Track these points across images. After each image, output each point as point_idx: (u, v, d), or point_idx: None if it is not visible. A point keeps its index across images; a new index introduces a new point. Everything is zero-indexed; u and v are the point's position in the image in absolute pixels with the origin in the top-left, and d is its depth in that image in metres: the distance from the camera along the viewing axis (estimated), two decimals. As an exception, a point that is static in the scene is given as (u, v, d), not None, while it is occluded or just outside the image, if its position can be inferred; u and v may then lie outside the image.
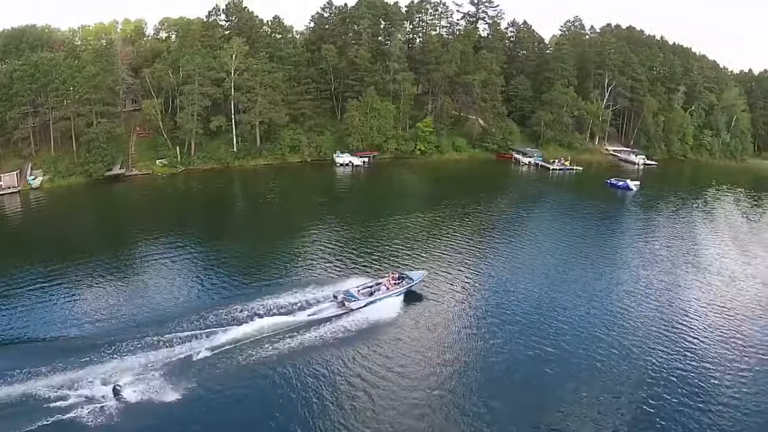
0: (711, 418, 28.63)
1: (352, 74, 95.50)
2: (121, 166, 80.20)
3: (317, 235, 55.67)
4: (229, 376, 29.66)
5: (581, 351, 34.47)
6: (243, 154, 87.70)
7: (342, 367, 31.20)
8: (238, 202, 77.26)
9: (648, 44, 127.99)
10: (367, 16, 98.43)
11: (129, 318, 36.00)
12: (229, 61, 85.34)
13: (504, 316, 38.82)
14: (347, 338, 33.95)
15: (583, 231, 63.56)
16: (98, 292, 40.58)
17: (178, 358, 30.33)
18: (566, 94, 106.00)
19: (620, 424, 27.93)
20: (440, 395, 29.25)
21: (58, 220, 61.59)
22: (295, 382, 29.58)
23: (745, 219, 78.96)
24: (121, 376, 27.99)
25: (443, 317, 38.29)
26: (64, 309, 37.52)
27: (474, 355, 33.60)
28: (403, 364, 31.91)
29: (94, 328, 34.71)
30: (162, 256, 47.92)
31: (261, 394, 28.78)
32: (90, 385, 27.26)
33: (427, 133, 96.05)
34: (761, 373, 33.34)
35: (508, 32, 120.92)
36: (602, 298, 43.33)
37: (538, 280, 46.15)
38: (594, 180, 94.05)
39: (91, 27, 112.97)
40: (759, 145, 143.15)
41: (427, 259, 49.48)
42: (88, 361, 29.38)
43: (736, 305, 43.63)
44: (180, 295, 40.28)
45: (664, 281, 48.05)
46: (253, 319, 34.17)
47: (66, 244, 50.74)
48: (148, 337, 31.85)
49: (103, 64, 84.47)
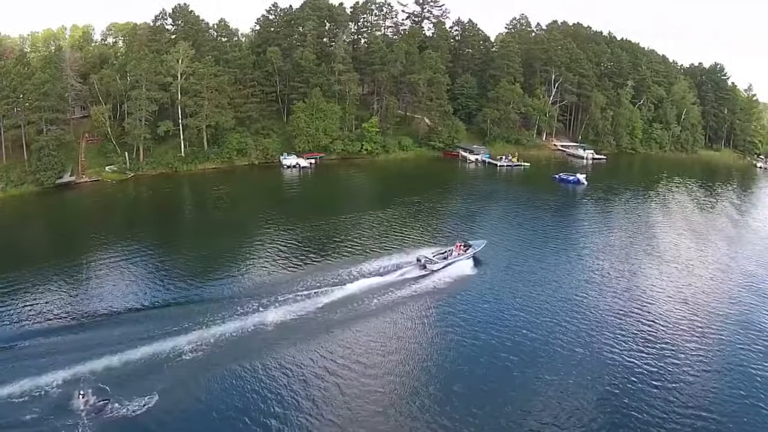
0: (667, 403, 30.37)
1: (298, 76, 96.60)
2: (72, 173, 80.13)
3: (271, 236, 56.83)
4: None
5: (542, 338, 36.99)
6: (191, 159, 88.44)
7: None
8: (188, 206, 78.21)
9: (595, 40, 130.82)
10: (311, 18, 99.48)
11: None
12: (176, 65, 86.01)
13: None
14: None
15: (535, 225, 65.65)
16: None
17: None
18: (512, 91, 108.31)
19: (582, 407, 29.70)
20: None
21: (15, 230, 61.68)
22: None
23: (694, 207, 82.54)
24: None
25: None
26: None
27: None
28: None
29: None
30: (117, 258, 49.60)
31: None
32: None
33: (373, 133, 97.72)
34: (715, 355, 35.70)
35: (453, 31, 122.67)
36: (560, 288, 45.90)
37: (497, 275, 48.27)
38: (542, 175, 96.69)
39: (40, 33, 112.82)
40: (710, 136, 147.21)
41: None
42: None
43: (692, 291, 46.46)
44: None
45: (619, 269, 50.82)
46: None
47: (22, 254, 51.36)
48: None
49: (52, 70, 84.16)
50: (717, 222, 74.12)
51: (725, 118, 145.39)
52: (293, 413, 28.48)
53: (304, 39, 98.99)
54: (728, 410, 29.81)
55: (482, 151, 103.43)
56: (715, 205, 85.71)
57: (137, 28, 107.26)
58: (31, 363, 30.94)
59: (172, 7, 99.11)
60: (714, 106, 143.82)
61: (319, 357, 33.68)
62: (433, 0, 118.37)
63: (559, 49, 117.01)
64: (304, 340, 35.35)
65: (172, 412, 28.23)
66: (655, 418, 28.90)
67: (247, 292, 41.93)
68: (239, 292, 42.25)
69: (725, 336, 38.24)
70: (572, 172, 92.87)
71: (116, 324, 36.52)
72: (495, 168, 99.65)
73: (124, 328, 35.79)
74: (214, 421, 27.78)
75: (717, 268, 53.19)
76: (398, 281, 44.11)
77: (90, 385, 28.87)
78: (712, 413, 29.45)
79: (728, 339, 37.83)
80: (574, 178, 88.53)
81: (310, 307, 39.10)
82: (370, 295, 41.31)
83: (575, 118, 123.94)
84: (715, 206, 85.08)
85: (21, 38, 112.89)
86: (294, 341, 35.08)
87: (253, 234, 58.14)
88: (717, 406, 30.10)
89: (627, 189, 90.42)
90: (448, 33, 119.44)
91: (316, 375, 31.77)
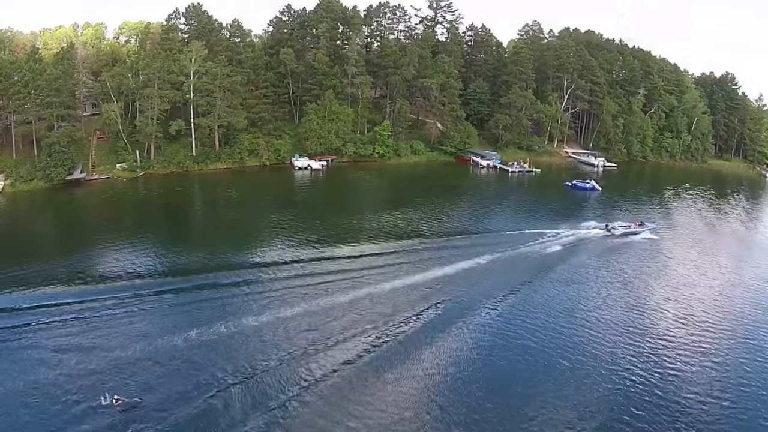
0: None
1: (311, 78, 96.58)
2: (82, 170, 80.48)
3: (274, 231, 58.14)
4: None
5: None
6: (202, 158, 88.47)
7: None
8: (200, 205, 77.83)
9: (607, 48, 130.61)
10: (325, 20, 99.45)
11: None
12: (189, 65, 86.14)
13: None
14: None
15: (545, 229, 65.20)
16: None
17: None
18: (524, 97, 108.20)
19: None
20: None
21: (24, 224, 62.18)
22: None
23: (702, 218, 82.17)
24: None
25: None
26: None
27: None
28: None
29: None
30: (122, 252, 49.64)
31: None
32: None
33: (385, 137, 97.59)
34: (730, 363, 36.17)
35: (466, 36, 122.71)
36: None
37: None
38: (553, 182, 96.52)
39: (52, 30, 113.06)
40: (720, 146, 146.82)
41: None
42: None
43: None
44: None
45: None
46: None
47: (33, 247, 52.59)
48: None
49: (64, 67, 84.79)
50: (718, 235, 73.99)
51: (735, 128, 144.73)
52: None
53: (317, 41, 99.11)
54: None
55: (493, 157, 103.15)
56: (718, 216, 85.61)
57: (150, 26, 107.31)
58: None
59: (185, 7, 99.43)
60: (724, 115, 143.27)
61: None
62: (447, 4, 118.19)
63: (572, 56, 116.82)
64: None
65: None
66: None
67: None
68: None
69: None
70: (584, 179, 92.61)
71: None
72: (506, 173, 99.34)
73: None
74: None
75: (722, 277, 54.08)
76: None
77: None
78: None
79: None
80: (590, 186, 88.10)
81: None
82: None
83: (586, 126, 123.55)
84: (718, 217, 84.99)
85: (33, 34, 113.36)
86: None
87: (260, 229, 59.79)
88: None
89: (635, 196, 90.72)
90: (461, 38, 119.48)
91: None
